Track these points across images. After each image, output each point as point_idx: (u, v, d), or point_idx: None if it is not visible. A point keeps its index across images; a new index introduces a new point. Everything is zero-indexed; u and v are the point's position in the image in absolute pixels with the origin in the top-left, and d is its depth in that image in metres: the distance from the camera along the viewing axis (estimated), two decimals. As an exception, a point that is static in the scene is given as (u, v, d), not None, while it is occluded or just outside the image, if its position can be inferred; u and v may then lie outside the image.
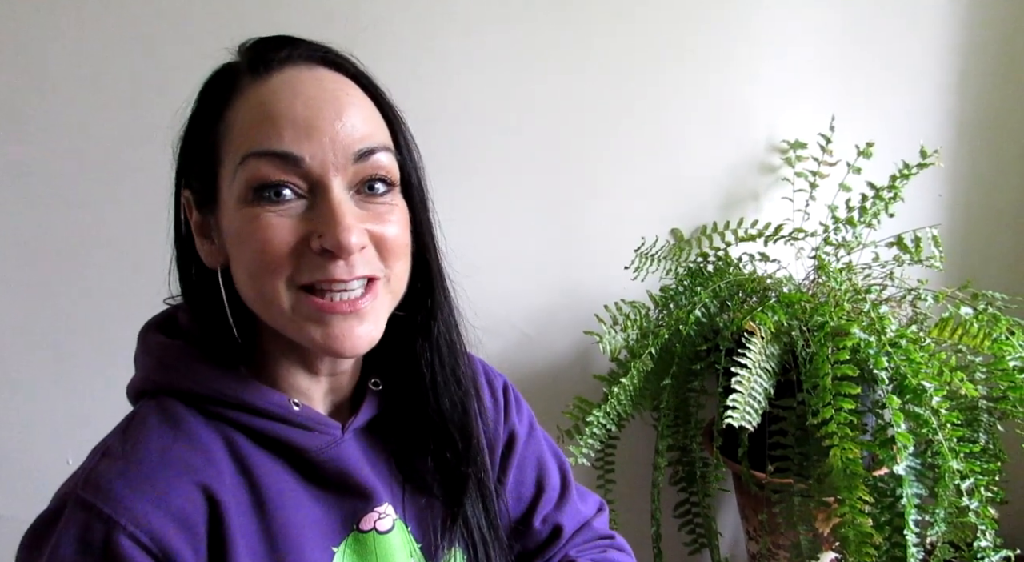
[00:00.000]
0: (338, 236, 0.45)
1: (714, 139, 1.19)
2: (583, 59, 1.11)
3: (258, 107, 0.47)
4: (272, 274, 0.46)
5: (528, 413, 0.67)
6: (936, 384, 0.85)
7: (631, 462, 1.19)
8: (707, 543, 1.13)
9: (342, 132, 0.47)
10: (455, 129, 1.09)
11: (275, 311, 0.47)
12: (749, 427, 0.87)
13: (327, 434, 0.51)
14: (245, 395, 0.49)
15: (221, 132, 0.48)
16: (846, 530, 0.81)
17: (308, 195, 0.47)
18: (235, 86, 0.48)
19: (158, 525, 0.44)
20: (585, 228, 1.18)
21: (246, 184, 0.46)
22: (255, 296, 0.48)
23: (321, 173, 0.46)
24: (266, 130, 0.46)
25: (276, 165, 0.45)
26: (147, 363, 0.52)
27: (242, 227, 0.46)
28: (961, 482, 0.82)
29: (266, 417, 0.49)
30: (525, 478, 0.64)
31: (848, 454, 0.82)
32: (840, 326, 0.90)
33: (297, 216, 0.46)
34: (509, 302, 1.18)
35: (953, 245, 1.24)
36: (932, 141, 1.14)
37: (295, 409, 0.50)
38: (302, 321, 0.47)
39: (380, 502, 0.53)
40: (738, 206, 1.23)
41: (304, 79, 0.48)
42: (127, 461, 0.46)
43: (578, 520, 0.66)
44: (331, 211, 0.46)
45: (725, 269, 1.09)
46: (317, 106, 0.47)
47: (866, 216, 1.05)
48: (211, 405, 0.49)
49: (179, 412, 0.49)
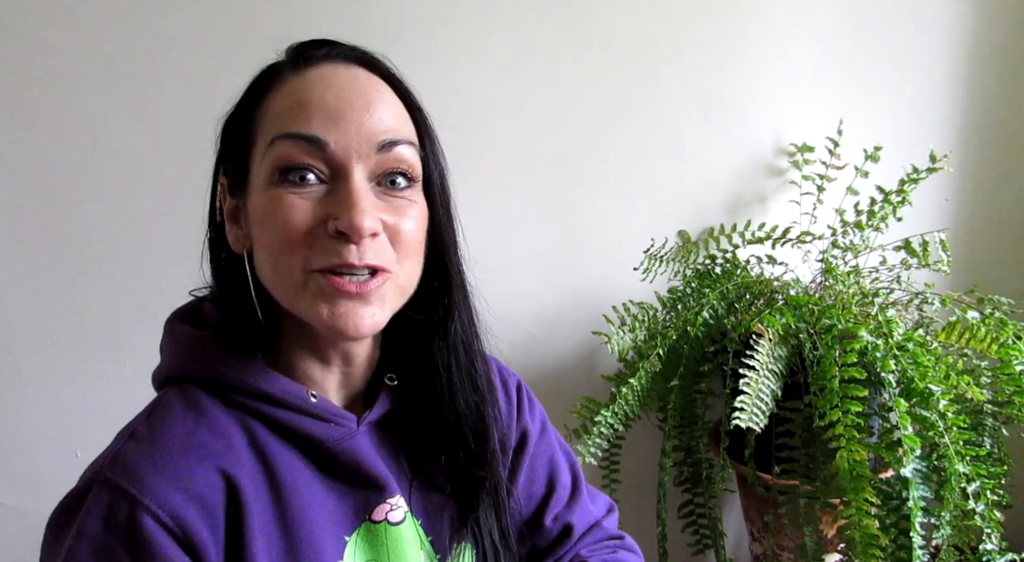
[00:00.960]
0: (352, 218, 0.46)
1: (722, 142, 1.20)
2: (590, 61, 1.12)
3: (292, 95, 0.49)
4: (289, 254, 0.48)
5: (541, 413, 0.68)
6: (943, 387, 0.85)
7: (637, 462, 1.19)
8: (712, 544, 1.14)
9: (368, 122, 0.49)
10: (461, 131, 1.09)
11: (290, 290, 0.49)
12: (756, 428, 0.87)
13: (343, 426, 0.53)
14: (265, 385, 0.51)
15: (257, 119, 0.50)
16: (852, 532, 0.81)
17: (330, 181, 0.48)
18: (275, 78, 0.51)
19: (179, 507, 0.45)
20: (592, 230, 1.19)
21: (273, 165, 0.48)
22: (273, 276, 0.49)
23: (344, 159, 0.48)
24: (296, 114, 0.48)
25: (302, 148, 0.47)
26: (172, 351, 0.54)
27: (266, 207, 0.48)
28: (967, 485, 0.83)
29: (285, 407, 0.51)
30: (536, 476, 0.65)
31: (855, 456, 0.82)
32: (848, 329, 0.90)
33: (317, 200, 0.48)
34: (516, 303, 1.19)
35: (960, 249, 1.24)
36: (939, 145, 1.15)
37: (313, 400, 0.52)
38: (312, 298, 0.48)
39: (392, 494, 0.54)
40: (745, 209, 1.23)
41: (339, 73, 0.50)
42: (152, 444, 0.47)
43: (588, 520, 0.67)
44: (348, 195, 0.47)
45: (733, 271, 1.10)
46: (347, 97, 0.49)
47: (874, 220, 1.06)
48: (233, 394, 0.51)
49: (202, 400, 0.50)
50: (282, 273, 0.48)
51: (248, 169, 0.51)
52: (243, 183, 0.51)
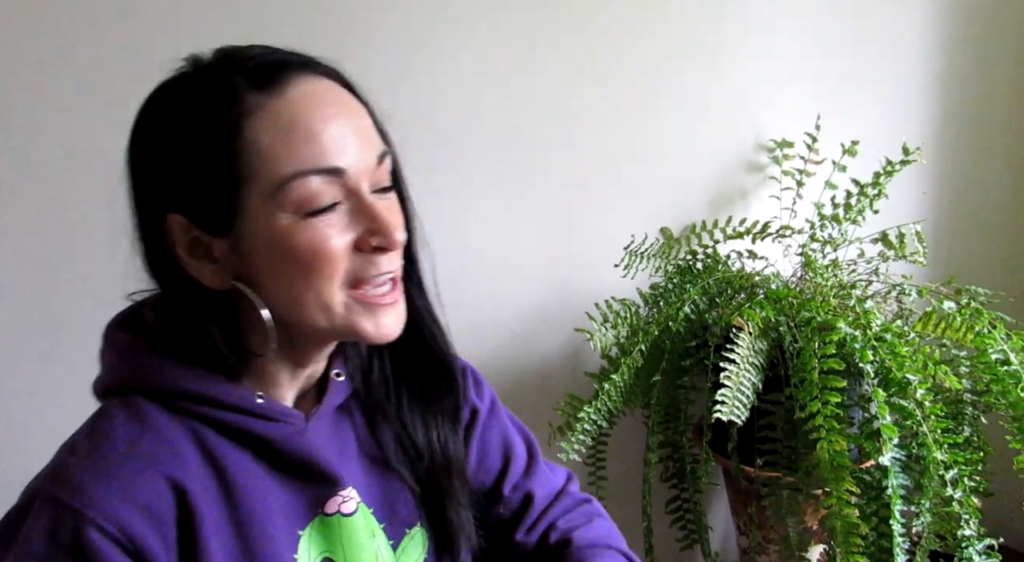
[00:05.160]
0: (393, 235, 0.51)
1: (702, 139, 1.21)
2: (571, 61, 1.12)
3: (291, 124, 0.48)
4: (330, 278, 0.50)
5: (490, 393, 0.69)
6: (920, 377, 0.86)
7: (622, 459, 1.20)
8: (698, 538, 1.14)
9: (364, 141, 0.51)
10: (444, 128, 1.09)
11: (327, 313, 0.51)
12: (738, 421, 0.88)
13: (291, 424, 0.54)
14: (209, 390, 0.51)
15: (242, 152, 0.48)
16: (834, 521, 0.82)
17: (345, 200, 0.50)
18: (242, 103, 0.48)
19: (126, 516, 0.45)
20: (575, 227, 1.19)
21: (295, 202, 0.48)
22: (303, 303, 0.50)
23: (357, 181, 0.50)
24: (309, 148, 0.48)
25: (324, 180, 0.48)
26: (112, 361, 0.54)
27: (294, 241, 0.49)
28: (945, 472, 0.84)
29: (231, 410, 0.52)
30: (490, 451, 0.67)
31: (835, 447, 0.83)
32: (826, 321, 0.91)
33: (343, 222, 0.50)
34: (500, 301, 1.19)
35: (937, 241, 1.26)
36: (916, 139, 1.16)
37: (259, 402, 0.53)
38: (354, 317, 0.51)
39: (344, 486, 0.56)
40: (727, 204, 1.24)
41: (319, 91, 0.50)
42: (94, 456, 0.47)
43: (550, 488, 0.68)
44: (378, 213, 0.50)
45: (714, 266, 1.11)
46: (341, 118, 0.50)
47: (851, 213, 1.07)
48: (176, 400, 0.51)
49: (145, 408, 0.50)
50: (320, 298, 0.50)
51: (236, 206, 0.49)
52: (227, 220, 0.49)
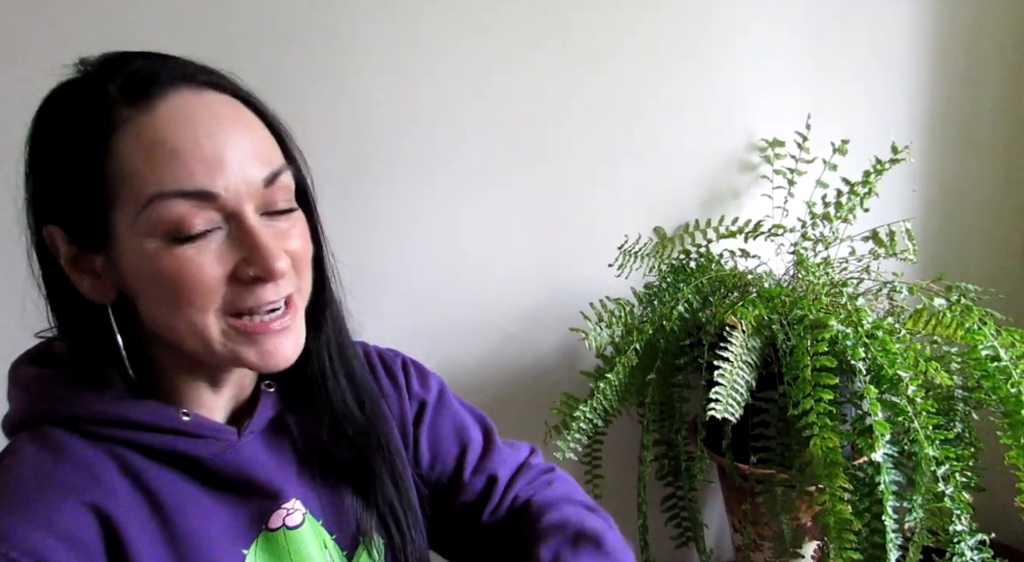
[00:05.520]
0: (271, 265, 0.46)
1: (695, 139, 1.21)
2: (562, 60, 1.13)
3: (154, 142, 0.44)
4: (202, 309, 0.46)
5: (437, 382, 0.67)
6: (912, 373, 0.87)
7: (618, 458, 1.20)
8: (693, 536, 1.15)
9: (247, 160, 0.47)
10: (436, 129, 1.10)
11: (203, 342, 0.48)
12: (732, 419, 0.88)
13: (221, 440, 0.51)
14: (127, 412, 0.49)
15: (108, 169, 0.45)
16: (827, 518, 0.83)
17: (224, 224, 0.46)
18: (111, 117, 0.45)
19: (46, 548, 0.43)
20: (568, 228, 1.20)
21: (158, 226, 0.44)
22: (177, 330, 0.47)
23: (236, 204, 0.46)
24: (172, 168, 0.44)
25: (191, 203, 0.44)
26: (19, 395, 0.51)
27: (160, 267, 0.45)
28: (937, 468, 0.85)
29: (154, 431, 0.49)
30: (442, 440, 0.65)
31: (828, 444, 0.84)
32: (819, 319, 0.92)
33: (219, 249, 0.46)
34: (494, 302, 1.19)
35: (927, 238, 1.27)
36: (905, 138, 1.17)
37: (184, 419, 0.50)
38: (235, 346, 0.48)
39: (287, 498, 0.54)
40: (719, 204, 1.25)
41: (194, 106, 0.46)
42: (5, 491, 0.45)
43: (512, 465, 0.67)
44: (256, 241, 0.46)
45: (707, 265, 1.11)
46: (219, 135, 0.46)
47: (842, 211, 1.08)
48: (93, 426, 0.48)
49: (58, 437, 0.48)
50: (196, 327, 0.47)
51: (106, 224, 0.46)
52: (99, 237, 0.46)
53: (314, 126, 1.03)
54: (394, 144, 1.09)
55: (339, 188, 1.07)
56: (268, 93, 0.52)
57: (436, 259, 1.16)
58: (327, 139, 1.05)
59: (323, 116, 1.05)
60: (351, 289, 0.58)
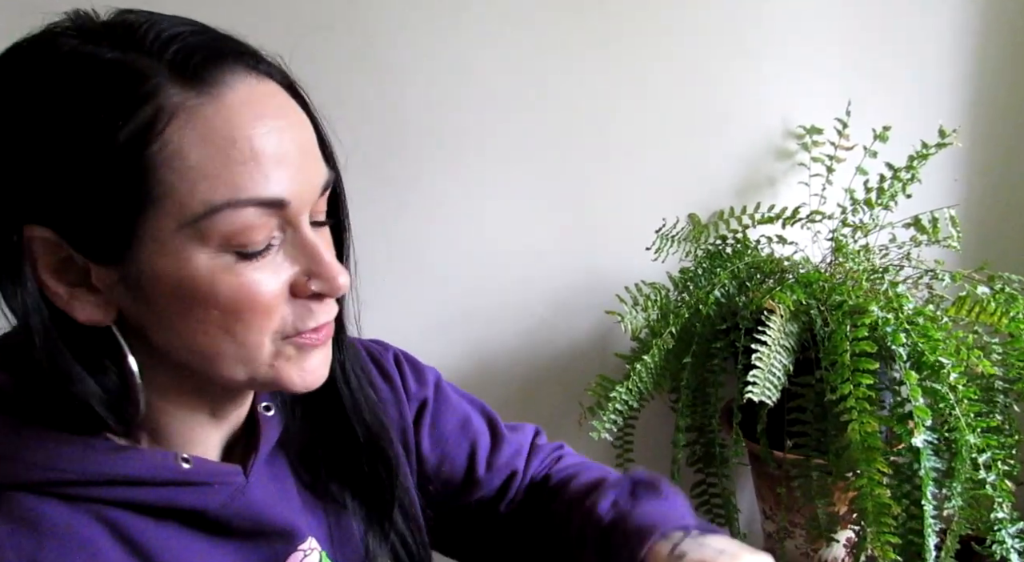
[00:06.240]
0: (338, 281, 0.42)
1: (730, 126, 1.21)
2: (597, 47, 1.13)
3: (228, 139, 0.37)
4: (260, 331, 0.41)
5: (433, 375, 0.62)
6: (953, 361, 0.86)
7: (650, 444, 1.21)
8: (725, 522, 1.15)
9: (309, 163, 0.41)
10: (468, 116, 1.11)
11: (248, 367, 0.42)
12: (769, 402, 0.88)
13: (229, 484, 0.44)
14: (118, 466, 0.40)
15: (152, 167, 0.37)
16: (865, 502, 0.83)
17: (280, 234, 0.41)
18: (159, 100, 0.37)
19: None
20: (601, 213, 1.20)
21: (220, 238, 0.38)
22: (218, 355, 0.41)
23: (297, 213, 0.41)
24: (250, 171, 0.38)
25: (263, 213, 0.39)
26: None
27: (213, 284, 0.39)
28: (978, 456, 0.84)
29: (150, 485, 0.41)
30: (448, 438, 0.60)
31: (867, 428, 0.84)
32: (858, 304, 0.92)
33: (276, 262, 0.41)
34: (528, 287, 1.21)
35: (971, 227, 1.25)
36: (948, 122, 1.15)
37: (185, 467, 0.42)
38: (280, 365, 0.42)
39: (303, 538, 0.48)
40: (755, 192, 1.24)
41: (260, 95, 0.40)
42: None
43: (524, 452, 0.64)
44: (319, 254, 0.42)
45: (743, 251, 1.11)
46: (286, 133, 0.40)
47: (883, 197, 1.07)
48: (75, 488, 0.39)
49: (32, 508, 0.38)
50: (245, 352, 0.41)
51: (134, 232, 0.38)
52: (118, 246, 0.38)
53: (344, 113, 1.04)
54: (425, 129, 1.11)
55: (370, 176, 1.09)
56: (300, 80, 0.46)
57: (468, 245, 1.17)
58: (356, 127, 1.06)
59: (353, 103, 1.06)
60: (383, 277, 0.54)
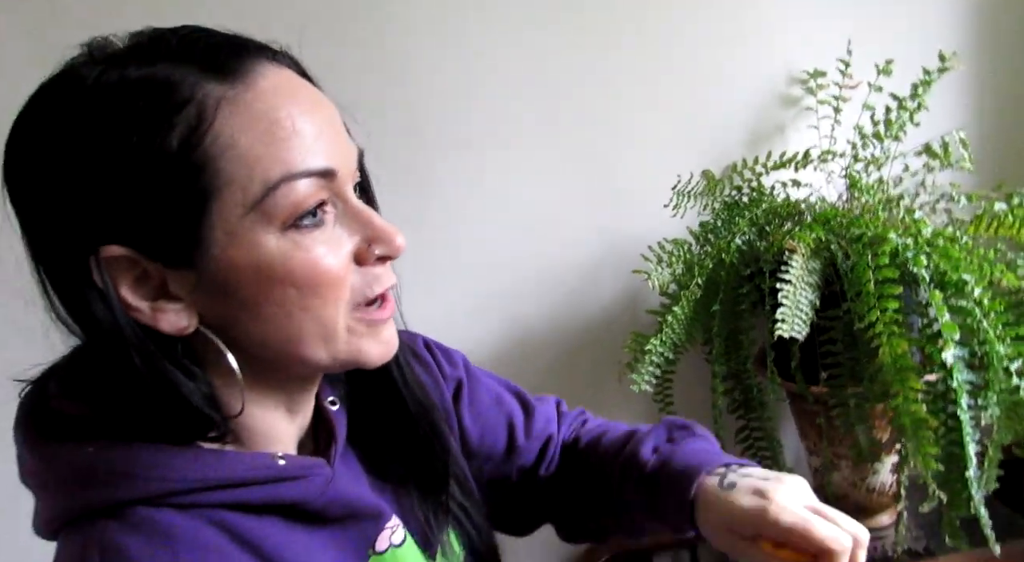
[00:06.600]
0: (396, 241, 0.45)
1: (734, 78, 1.23)
2: (599, 8, 1.15)
3: (271, 120, 0.40)
4: (334, 302, 0.43)
5: (460, 357, 0.66)
6: (976, 276, 0.88)
7: (689, 396, 1.25)
8: (772, 463, 1.18)
9: (343, 140, 0.45)
10: (482, 89, 1.14)
11: (329, 344, 0.44)
12: (799, 337, 0.92)
13: (319, 475, 0.47)
14: (224, 470, 0.43)
15: (206, 160, 0.39)
16: (903, 419, 0.86)
17: (333, 205, 0.44)
18: (198, 97, 0.39)
19: None
20: (618, 181, 1.24)
21: (283, 213, 0.41)
22: (300, 338, 0.43)
23: (344, 182, 0.44)
24: (296, 145, 0.41)
25: (316, 184, 0.42)
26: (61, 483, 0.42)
27: (286, 260, 0.41)
28: (1010, 364, 0.86)
29: (253, 484, 0.44)
30: (486, 413, 0.65)
31: (897, 349, 0.86)
32: (877, 234, 0.94)
33: (335, 235, 0.44)
34: (555, 261, 1.25)
35: (982, 146, 1.25)
36: (950, 47, 1.16)
37: (281, 464, 0.45)
38: (358, 341, 0.45)
39: (388, 517, 0.51)
40: (765, 141, 1.27)
41: (287, 79, 0.43)
42: None
43: (553, 418, 0.70)
44: (373, 218, 0.44)
45: (760, 199, 1.14)
46: (320, 110, 0.43)
47: (892, 128, 1.08)
48: (187, 496, 0.42)
49: (159, 520, 0.41)
50: (324, 327, 0.43)
51: (200, 230, 0.40)
52: (188, 245, 0.40)
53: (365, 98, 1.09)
54: (442, 108, 1.15)
55: (394, 161, 1.13)
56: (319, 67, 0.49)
57: (492, 223, 1.22)
58: (378, 112, 1.10)
59: (373, 88, 1.10)
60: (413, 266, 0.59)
